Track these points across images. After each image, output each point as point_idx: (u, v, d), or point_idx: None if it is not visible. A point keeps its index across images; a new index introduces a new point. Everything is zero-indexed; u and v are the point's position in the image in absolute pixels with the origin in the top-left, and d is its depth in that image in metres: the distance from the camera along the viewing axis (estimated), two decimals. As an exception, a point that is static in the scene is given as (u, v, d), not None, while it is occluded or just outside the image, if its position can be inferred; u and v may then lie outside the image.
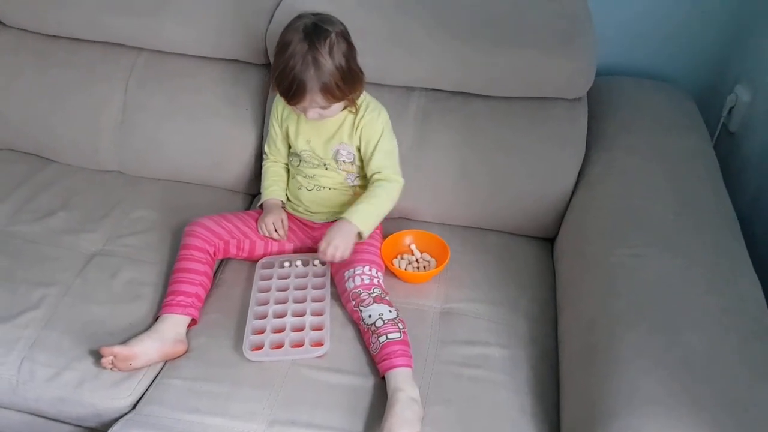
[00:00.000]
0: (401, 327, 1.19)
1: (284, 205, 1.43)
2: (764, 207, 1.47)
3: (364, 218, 1.28)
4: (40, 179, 1.59)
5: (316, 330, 1.22)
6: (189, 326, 1.25)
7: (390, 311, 1.21)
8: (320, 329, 1.22)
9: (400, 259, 1.39)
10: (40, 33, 1.64)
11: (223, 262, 1.42)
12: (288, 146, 1.41)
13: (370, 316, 1.20)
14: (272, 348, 1.19)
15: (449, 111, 1.46)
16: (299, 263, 1.37)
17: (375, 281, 1.27)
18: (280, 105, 1.37)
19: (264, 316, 1.25)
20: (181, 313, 1.23)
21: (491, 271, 1.38)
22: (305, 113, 1.25)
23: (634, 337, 1.04)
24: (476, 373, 1.17)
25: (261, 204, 1.43)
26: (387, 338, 1.17)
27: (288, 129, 1.37)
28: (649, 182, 1.33)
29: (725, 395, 0.95)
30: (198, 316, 1.26)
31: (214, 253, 1.34)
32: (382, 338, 1.17)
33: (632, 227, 1.24)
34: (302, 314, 1.25)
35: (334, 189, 1.38)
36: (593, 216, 1.33)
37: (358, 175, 1.37)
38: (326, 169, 1.36)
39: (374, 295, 1.23)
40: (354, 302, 1.24)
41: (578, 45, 1.39)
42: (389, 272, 1.35)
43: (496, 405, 1.13)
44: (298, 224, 1.42)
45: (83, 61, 1.61)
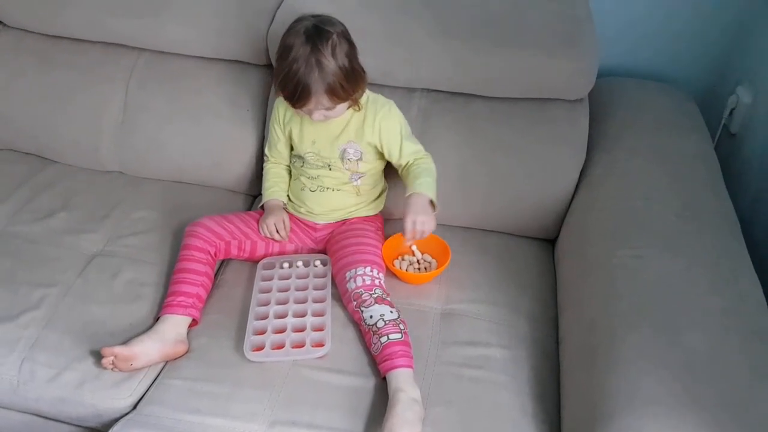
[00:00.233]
0: (402, 328, 1.19)
1: (285, 206, 1.43)
2: (765, 208, 1.47)
3: (429, 188, 1.31)
4: (41, 179, 1.59)
5: (317, 331, 1.22)
6: (190, 327, 1.25)
7: (391, 312, 1.21)
8: (321, 330, 1.22)
9: (401, 260, 1.39)
10: (41, 33, 1.64)
11: (224, 263, 1.42)
12: (290, 148, 1.41)
13: (372, 317, 1.20)
14: (273, 348, 1.19)
15: (450, 112, 1.46)
16: (300, 264, 1.37)
17: (376, 282, 1.27)
18: (282, 108, 1.37)
19: (265, 317, 1.25)
20: (182, 314, 1.23)
21: (492, 272, 1.38)
22: (310, 115, 1.25)
23: (635, 338, 1.04)
24: (477, 374, 1.17)
25: (262, 205, 1.43)
26: (388, 339, 1.17)
27: (292, 131, 1.37)
28: (650, 183, 1.33)
29: (726, 395, 0.95)
30: (199, 317, 1.26)
31: (215, 254, 1.34)
32: (384, 339, 1.17)
33: (633, 228, 1.24)
34: (303, 315, 1.25)
35: (338, 190, 1.37)
36: (594, 217, 1.33)
37: (362, 175, 1.37)
38: (330, 170, 1.36)
39: (375, 296, 1.23)
40: (355, 303, 1.24)
41: (579, 46, 1.39)
42: (390, 273, 1.35)
43: (497, 406, 1.13)
44: (300, 225, 1.42)
45: (84, 62, 1.61)
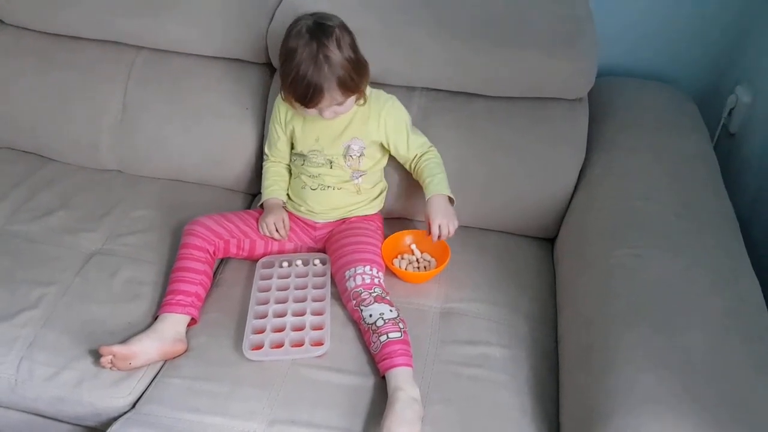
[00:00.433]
0: (402, 327, 1.19)
1: (285, 205, 1.42)
2: (764, 208, 1.47)
3: (445, 185, 1.34)
4: (40, 178, 1.59)
5: (317, 329, 1.22)
6: (189, 325, 1.25)
7: (391, 311, 1.21)
8: (320, 329, 1.22)
9: (401, 259, 1.39)
10: (41, 31, 1.64)
11: (223, 262, 1.42)
12: (290, 147, 1.41)
13: (371, 316, 1.20)
14: (272, 347, 1.19)
15: (450, 111, 1.46)
16: (299, 263, 1.36)
17: (376, 281, 1.27)
18: (283, 108, 1.37)
19: (264, 316, 1.25)
20: (181, 313, 1.23)
21: (491, 271, 1.38)
22: (321, 114, 1.25)
23: (634, 337, 1.04)
24: (476, 373, 1.17)
25: (261, 204, 1.43)
26: (388, 338, 1.16)
27: (294, 130, 1.36)
28: (650, 183, 1.33)
29: (725, 394, 0.95)
30: (198, 316, 1.26)
31: (214, 253, 1.33)
32: (383, 338, 1.17)
33: (633, 228, 1.24)
34: (302, 314, 1.25)
35: (339, 188, 1.37)
36: (594, 216, 1.33)
37: (364, 173, 1.37)
38: (331, 168, 1.35)
39: (375, 295, 1.23)
40: (355, 301, 1.24)
41: (579, 46, 1.39)
42: (390, 272, 1.34)
43: (497, 404, 1.13)
44: (299, 224, 1.42)
45: (83, 60, 1.61)
